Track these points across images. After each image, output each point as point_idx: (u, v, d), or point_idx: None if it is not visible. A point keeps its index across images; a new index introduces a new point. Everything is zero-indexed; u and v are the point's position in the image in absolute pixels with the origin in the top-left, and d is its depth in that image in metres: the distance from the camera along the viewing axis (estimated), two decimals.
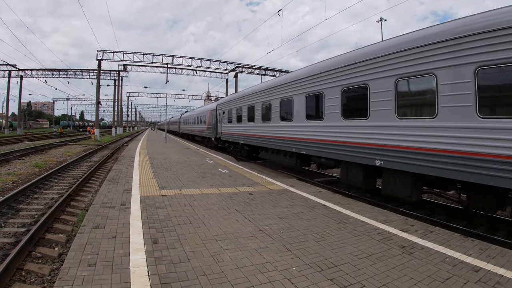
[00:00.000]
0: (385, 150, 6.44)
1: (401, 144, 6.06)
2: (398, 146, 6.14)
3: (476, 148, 4.80)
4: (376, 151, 6.65)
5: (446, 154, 5.22)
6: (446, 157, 5.23)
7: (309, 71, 9.35)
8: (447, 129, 5.22)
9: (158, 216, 5.05)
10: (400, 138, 6.10)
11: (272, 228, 4.67)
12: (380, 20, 31.63)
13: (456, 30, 5.10)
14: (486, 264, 3.58)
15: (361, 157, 7.11)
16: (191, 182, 8.09)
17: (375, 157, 6.67)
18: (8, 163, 12.82)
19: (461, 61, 4.97)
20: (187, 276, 3.11)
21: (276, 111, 11.26)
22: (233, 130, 16.44)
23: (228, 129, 17.49)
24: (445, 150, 5.25)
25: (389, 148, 6.34)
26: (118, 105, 50.78)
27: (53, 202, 7.02)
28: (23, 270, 3.86)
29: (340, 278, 3.20)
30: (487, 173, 4.67)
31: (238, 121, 15.55)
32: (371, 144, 6.78)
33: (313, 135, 8.99)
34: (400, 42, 6.19)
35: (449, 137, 5.20)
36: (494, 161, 4.57)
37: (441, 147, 5.30)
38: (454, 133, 5.12)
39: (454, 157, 5.11)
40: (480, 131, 4.76)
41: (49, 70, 42.22)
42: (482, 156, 4.72)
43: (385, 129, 6.46)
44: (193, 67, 38.25)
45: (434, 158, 5.42)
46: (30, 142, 26.07)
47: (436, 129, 5.40)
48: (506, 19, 4.43)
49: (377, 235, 4.51)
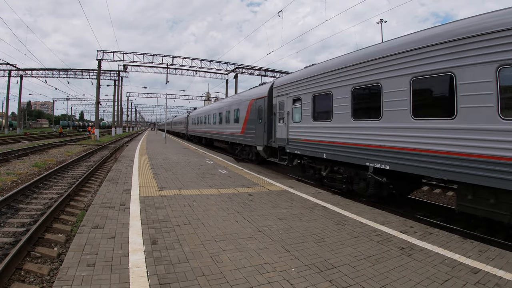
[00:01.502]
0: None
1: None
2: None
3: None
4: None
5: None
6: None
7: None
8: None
9: (157, 216, 5.05)
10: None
11: (271, 229, 4.68)
12: (380, 21, 31.70)
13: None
14: (485, 265, 3.58)
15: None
16: (191, 183, 8.09)
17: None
18: (7, 163, 12.81)
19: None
20: (186, 276, 3.11)
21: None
22: (319, 135, 8.77)
23: (306, 131, 9.39)
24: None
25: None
26: (118, 105, 50.83)
27: (52, 202, 7.01)
28: (22, 269, 3.86)
29: (339, 279, 3.20)
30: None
31: (327, 118, 8.46)
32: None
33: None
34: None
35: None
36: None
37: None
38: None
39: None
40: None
41: (49, 70, 42.26)
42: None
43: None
44: (193, 67, 38.34)
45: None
46: (30, 141, 26.06)
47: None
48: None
49: (376, 236, 4.52)
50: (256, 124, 13.18)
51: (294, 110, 10.02)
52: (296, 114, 9.94)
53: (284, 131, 10.57)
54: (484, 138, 4.74)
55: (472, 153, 4.89)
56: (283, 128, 10.64)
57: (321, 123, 8.70)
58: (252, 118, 13.73)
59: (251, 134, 13.84)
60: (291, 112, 10.20)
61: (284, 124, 10.60)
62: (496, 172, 4.57)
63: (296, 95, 9.87)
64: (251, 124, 13.93)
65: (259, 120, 12.81)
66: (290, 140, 10.19)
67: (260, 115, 12.81)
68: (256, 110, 13.29)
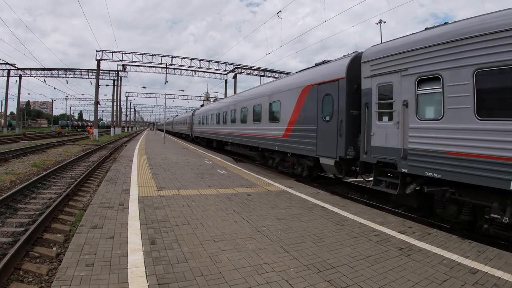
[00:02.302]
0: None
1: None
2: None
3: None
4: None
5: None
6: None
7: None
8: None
9: (156, 216, 5.05)
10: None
11: (270, 229, 4.68)
12: (380, 22, 31.75)
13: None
14: (484, 266, 3.59)
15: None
16: (190, 183, 8.09)
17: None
18: (6, 163, 12.78)
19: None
20: (185, 276, 3.11)
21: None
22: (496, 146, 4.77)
23: (459, 138, 5.34)
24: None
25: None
26: (117, 105, 50.77)
27: (51, 202, 7.00)
28: (21, 269, 3.85)
29: (338, 279, 3.21)
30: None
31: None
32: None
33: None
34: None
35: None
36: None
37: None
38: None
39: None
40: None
41: (48, 70, 42.21)
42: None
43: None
44: (192, 67, 38.32)
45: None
46: (29, 141, 26.00)
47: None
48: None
49: (375, 236, 4.52)
50: (318, 123, 8.78)
51: (422, 98, 6.00)
52: (427, 105, 5.99)
53: (394, 136, 6.45)
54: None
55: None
56: (393, 130, 6.48)
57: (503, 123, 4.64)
58: (308, 114, 9.26)
59: (305, 138, 9.32)
60: (413, 102, 6.07)
61: (394, 123, 6.47)
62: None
63: (427, 72, 5.78)
64: (304, 123, 9.44)
65: (325, 118, 8.51)
66: (411, 152, 6.00)
67: (327, 109, 8.46)
68: (317, 102, 8.85)
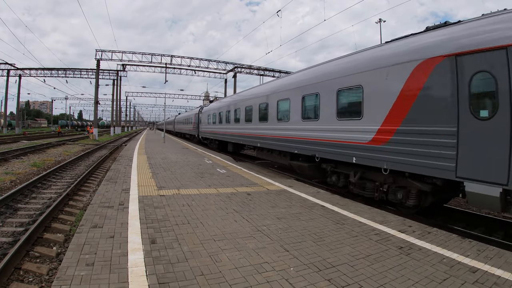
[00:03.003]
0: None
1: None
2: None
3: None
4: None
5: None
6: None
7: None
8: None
9: (156, 216, 5.05)
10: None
11: (270, 228, 4.68)
12: (379, 21, 31.72)
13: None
14: (484, 265, 3.59)
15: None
16: (190, 182, 8.08)
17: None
18: (6, 162, 12.77)
19: None
20: (185, 276, 3.11)
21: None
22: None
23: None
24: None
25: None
26: (117, 105, 50.72)
27: (51, 201, 7.00)
28: (21, 269, 3.85)
29: (338, 278, 3.21)
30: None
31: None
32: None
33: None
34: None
35: None
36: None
37: None
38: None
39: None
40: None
41: (47, 69, 42.16)
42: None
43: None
44: (192, 67, 38.30)
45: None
46: (29, 141, 25.98)
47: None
48: None
49: (375, 235, 4.52)
50: (461, 122, 5.01)
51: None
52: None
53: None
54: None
55: None
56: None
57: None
58: (433, 106, 5.48)
59: (425, 147, 5.56)
60: None
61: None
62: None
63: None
64: (423, 121, 5.62)
65: (479, 113, 4.84)
66: None
67: (485, 98, 4.90)
68: (455, 85, 5.09)
